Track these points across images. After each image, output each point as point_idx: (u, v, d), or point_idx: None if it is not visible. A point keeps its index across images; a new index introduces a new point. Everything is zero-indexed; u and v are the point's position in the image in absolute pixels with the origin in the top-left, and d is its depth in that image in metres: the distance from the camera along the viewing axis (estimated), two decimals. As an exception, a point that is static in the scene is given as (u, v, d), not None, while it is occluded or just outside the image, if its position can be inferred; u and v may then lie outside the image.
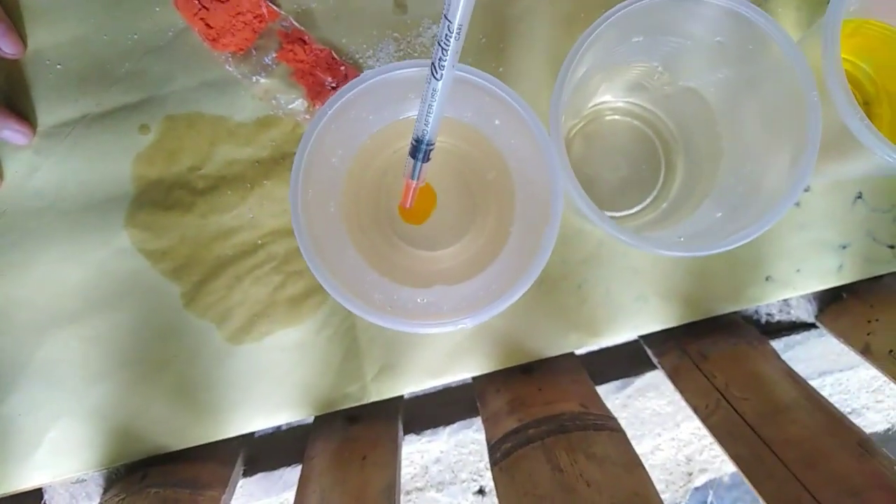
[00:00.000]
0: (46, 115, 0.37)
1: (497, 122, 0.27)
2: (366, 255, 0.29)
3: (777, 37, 0.25)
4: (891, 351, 0.34)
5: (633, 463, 0.30)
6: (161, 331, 0.37)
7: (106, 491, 0.38)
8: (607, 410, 0.34)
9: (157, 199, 0.37)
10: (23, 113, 0.36)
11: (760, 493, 0.27)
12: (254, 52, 0.37)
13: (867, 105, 0.35)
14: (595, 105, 0.35)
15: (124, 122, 0.37)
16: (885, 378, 0.35)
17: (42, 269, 0.37)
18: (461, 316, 0.25)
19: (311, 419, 0.39)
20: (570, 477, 0.29)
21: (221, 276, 0.37)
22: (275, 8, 0.36)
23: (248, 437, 0.40)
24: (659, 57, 0.30)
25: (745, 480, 0.28)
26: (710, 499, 0.45)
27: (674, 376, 0.35)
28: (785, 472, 0.27)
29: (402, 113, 0.29)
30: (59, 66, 0.37)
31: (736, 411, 0.31)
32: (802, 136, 0.25)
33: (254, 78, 0.37)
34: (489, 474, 0.43)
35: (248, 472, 0.39)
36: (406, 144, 0.26)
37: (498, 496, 0.30)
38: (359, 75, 0.34)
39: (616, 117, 0.35)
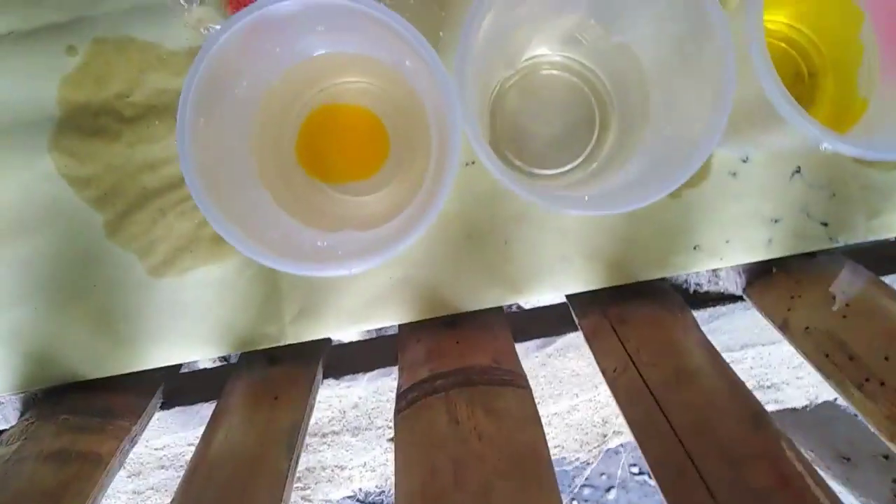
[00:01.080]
0: (-31, 29, 0.36)
1: (407, 62, 0.26)
2: (275, 193, 0.29)
3: (712, 8, 0.24)
4: (807, 328, 0.34)
5: (531, 421, 0.30)
6: (82, 259, 0.36)
7: (22, 414, 0.38)
8: (519, 367, 0.34)
9: (83, 124, 0.36)
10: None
11: (647, 456, 0.28)
12: (186, -22, 0.35)
13: (812, 76, 0.35)
14: (531, 58, 0.34)
15: (52, 43, 0.36)
16: (804, 354, 0.35)
17: (-37, 188, 0.36)
18: (368, 257, 0.24)
19: (221, 357, 0.38)
20: (464, 429, 0.29)
21: (146, 207, 0.36)
22: (210, -71, 0.35)
23: (171, 372, 0.40)
24: (589, 7, 0.29)
25: (636, 443, 0.28)
26: (622, 460, 0.46)
27: (590, 337, 0.35)
28: (673, 438, 0.27)
29: (315, 49, 0.28)
30: (-16, -22, 0.35)
31: (640, 376, 0.31)
32: (721, 102, 0.25)
33: (186, 4, 0.35)
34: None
35: (167, 406, 0.39)
36: (330, 84, 0.25)
37: (395, 444, 0.30)
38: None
39: (553, 72, 0.34)
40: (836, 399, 0.38)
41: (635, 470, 1.12)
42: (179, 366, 0.40)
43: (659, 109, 0.30)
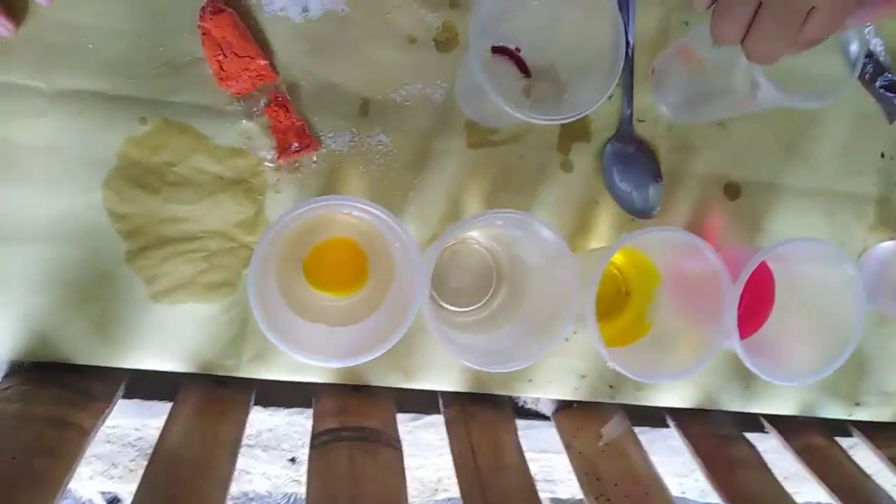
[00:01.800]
0: (67, 79, 0.46)
1: (397, 244, 0.42)
2: (282, 288, 0.43)
3: (568, 258, 0.42)
4: (580, 452, 0.53)
5: (399, 473, 0.46)
6: (100, 272, 0.47)
7: (7, 377, 0.47)
8: (397, 433, 0.49)
9: (134, 175, 0.48)
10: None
11: (466, 513, 0.44)
12: (247, 100, 0.49)
13: (627, 294, 0.54)
14: (467, 235, 0.51)
15: (128, 110, 0.47)
16: (576, 466, 0.54)
17: (21, 194, 0.46)
18: (332, 354, 0.39)
19: (185, 372, 0.50)
20: (357, 471, 0.44)
21: (161, 249, 0.48)
22: (274, 74, 0.49)
23: (131, 371, 0.51)
24: (510, 234, 0.47)
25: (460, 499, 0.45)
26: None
27: (448, 424, 0.52)
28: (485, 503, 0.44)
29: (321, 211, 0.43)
30: (90, 46, 0.46)
31: (475, 461, 0.48)
32: (566, 315, 0.42)
33: (240, 118, 0.48)
34: (303, 450, 0.58)
35: (125, 396, 0.50)
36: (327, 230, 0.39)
37: (308, 470, 0.45)
38: (317, 147, 0.47)
39: (476, 247, 0.51)
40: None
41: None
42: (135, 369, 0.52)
43: (533, 296, 0.48)
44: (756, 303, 0.52)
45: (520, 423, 0.56)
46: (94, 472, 0.55)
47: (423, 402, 0.55)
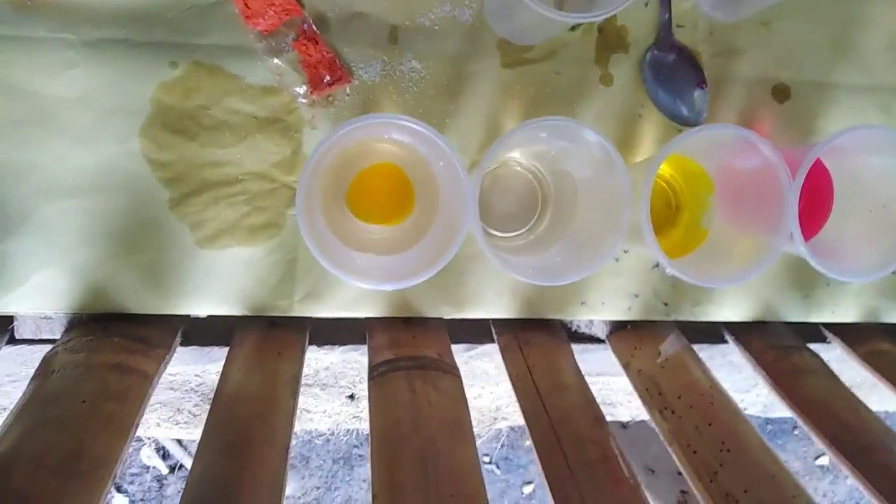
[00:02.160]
0: (94, 29, 0.46)
1: (440, 163, 0.41)
2: (328, 221, 0.42)
3: (618, 164, 0.40)
4: (639, 370, 0.52)
5: (461, 400, 0.46)
6: (146, 222, 0.48)
7: (67, 331, 0.48)
8: (454, 362, 0.49)
9: (169, 122, 0.47)
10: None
11: (531, 433, 0.44)
12: (275, 36, 0.48)
13: (677, 208, 0.52)
14: (507, 156, 0.49)
15: (158, 55, 0.47)
16: (635, 386, 0.53)
17: (60, 147, 0.46)
18: (383, 282, 0.39)
19: (238, 315, 0.51)
20: (419, 397, 0.44)
21: (203, 194, 0.48)
22: (300, 8, 0.47)
23: (186, 318, 0.51)
24: (554, 147, 0.45)
25: (525, 424, 0.45)
26: (500, 441, 0.62)
27: (503, 350, 0.51)
28: (548, 424, 0.44)
29: (367, 135, 0.42)
30: (116, -4, 0.46)
31: (534, 383, 0.48)
32: (618, 227, 0.41)
33: (270, 55, 0.48)
34: (361, 386, 0.58)
35: (183, 344, 0.51)
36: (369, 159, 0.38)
37: (369, 400, 0.45)
38: (350, 79, 0.46)
39: (518, 169, 0.50)
40: (649, 420, 0.56)
41: (487, 459, 1.32)
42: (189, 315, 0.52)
43: (582, 212, 0.47)
44: (815, 203, 0.50)
45: (575, 347, 0.55)
46: (161, 419, 0.57)
47: (475, 333, 0.55)
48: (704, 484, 0.42)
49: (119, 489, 1.20)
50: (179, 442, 1.12)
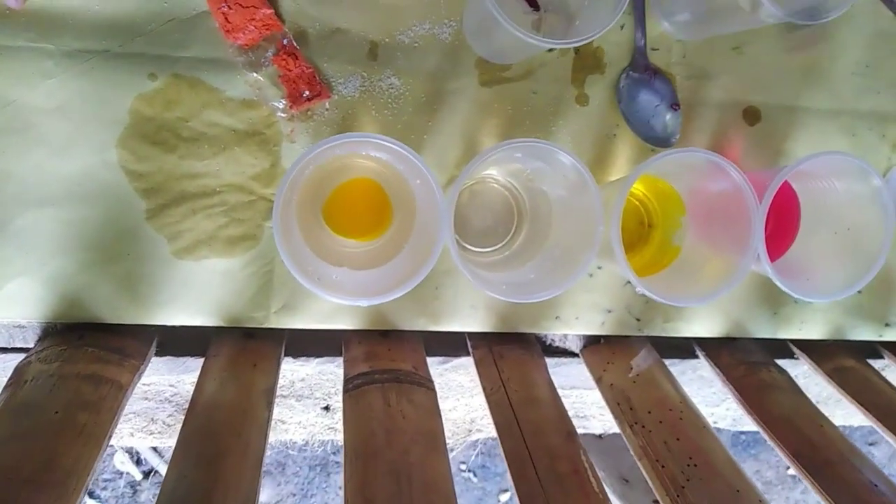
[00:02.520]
0: (73, 40, 0.46)
1: (417, 180, 0.41)
2: (305, 234, 0.43)
3: (591, 185, 0.41)
4: (611, 384, 0.53)
5: (435, 413, 0.46)
6: (123, 232, 0.48)
7: (41, 339, 0.48)
8: (429, 375, 0.50)
9: (148, 133, 0.47)
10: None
11: (503, 446, 0.45)
12: (256, 51, 0.48)
13: (650, 226, 0.53)
14: (484, 174, 0.50)
15: (138, 66, 0.47)
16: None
17: (37, 156, 0.46)
18: (358, 296, 0.39)
19: (214, 326, 0.51)
20: (393, 411, 0.44)
21: (181, 205, 0.48)
22: (280, 23, 0.48)
23: (161, 327, 0.51)
24: (529, 166, 0.46)
25: (497, 437, 0.45)
26: (477, 449, 0.63)
27: (478, 363, 0.52)
28: (520, 437, 0.45)
29: (344, 151, 0.42)
30: (97, 7, 0.46)
31: (507, 396, 0.48)
32: (591, 245, 0.42)
33: (250, 70, 0.48)
34: (336, 397, 0.58)
35: (158, 354, 0.51)
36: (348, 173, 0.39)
37: (343, 413, 0.45)
38: (329, 95, 0.47)
39: (495, 186, 0.51)
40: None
41: (464, 467, 1.33)
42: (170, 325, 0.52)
43: (556, 230, 0.48)
44: (782, 225, 0.52)
45: (549, 360, 0.56)
46: (134, 429, 0.57)
47: (450, 346, 0.56)
48: (672, 498, 0.43)
49: (91, 495, 1.19)
50: (154, 448, 1.11)
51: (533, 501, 0.41)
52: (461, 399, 0.59)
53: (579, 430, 0.52)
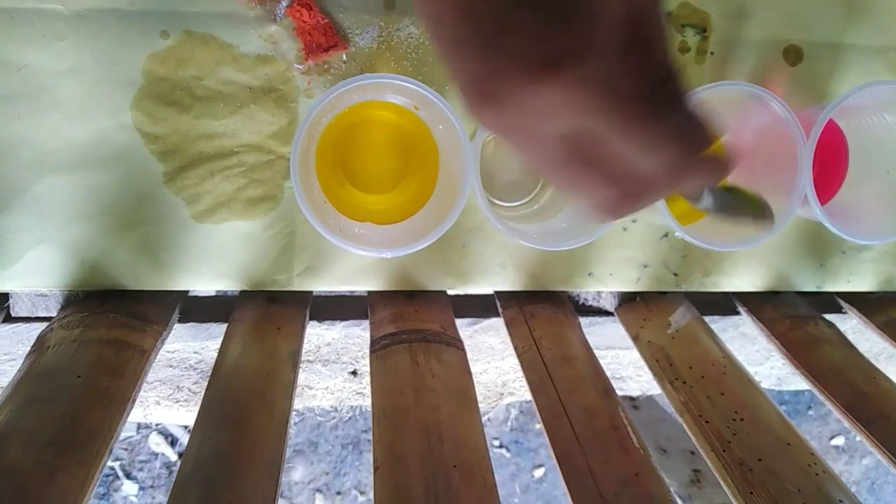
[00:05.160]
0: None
1: (440, 126, 0.39)
2: (325, 190, 0.41)
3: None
4: (649, 341, 0.50)
5: (465, 372, 0.45)
6: (141, 196, 0.47)
7: (63, 308, 0.47)
8: (458, 335, 0.48)
9: (162, 93, 0.46)
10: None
11: (537, 406, 0.43)
12: (269, 3, 0.46)
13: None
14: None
15: (149, 25, 0.45)
16: (644, 359, 0.52)
17: (53, 121, 0.45)
18: (383, 248, 0.37)
19: (236, 292, 0.50)
20: (422, 369, 0.43)
21: (199, 167, 0.47)
22: (293, -28, 0.46)
23: (184, 294, 0.50)
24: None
25: (532, 398, 0.43)
26: (510, 424, 0.61)
27: (508, 324, 0.50)
28: (555, 395, 0.43)
29: (363, 97, 0.40)
30: (103, -38, 0.44)
31: (540, 355, 0.46)
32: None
33: (264, 23, 0.46)
34: (363, 361, 0.57)
35: (181, 320, 0.50)
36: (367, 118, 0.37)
37: (371, 374, 0.44)
38: (346, 46, 0.45)
39: (521, 136, 0.49)
40: (660, 394, 0.55)
41: (496, 443, 1.31)
42: (188, 291, 0.51)
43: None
44: (829, 166, 0.49)
45: (582, 320, 0.54)
46: (160, 397, 0.56)
47: (480, 307, 0.54)
48: (717, 454, 0.40)
49: (129, 476, 1.20)
50: (187, 428, 1.12)
51: (571, 460, 0.39)
52: (492, 362, 0.57)
53: (616, 392, 0.50)
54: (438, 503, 0.33)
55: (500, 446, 1.32)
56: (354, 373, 0.57)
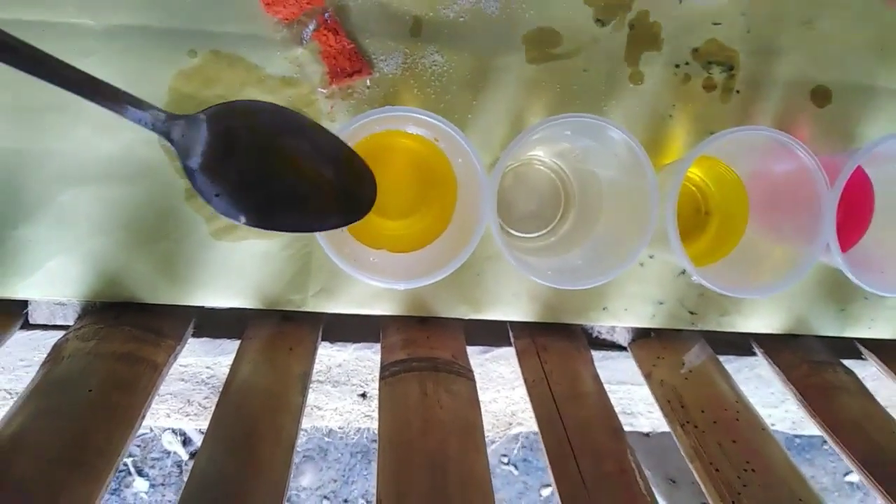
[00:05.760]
0: (114, 15, 0.45)
1: (459, 159, 0.39)
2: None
3: (644, 163, 0.38)
4: (661, 380, 0.50)
5: (474, 403, 0.44)
6: (162, 212, 0.47)
7: (81, 318, 0.48)
8: (468, 364, 0.48)
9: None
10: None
11: (544, 441, 0.42)
12: (296, 26, 0.47)
13: (707, 213, 0.50)
14: (530, 155, 0.48)
15: (177, 43, 0.46)
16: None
17: (80, 135, 0.46)
18: (398, 279, 0.37)
19: (251, 308, 0.50)
20: (431, 400, 0.43)
21: (220, 185, 0.47)
22: (322, -3, 0.46)
23: (199, 308, 0.51)
24: (578, 145, 0.43)
25: (539, 432, 0.43)
26: (519, 443, 0.61)
27: (520, 355, 0.50)
28: (563, 433, 0.42)
29: (384, 127, 0.40)
30: (136, -19, 0.45)
31: (550, 389, 0.46)
32: (644, 230, 0.39)
33: (290, 46, 0.47)
34: (373, 384, 0.57)
35: (195, 335, 0.50)
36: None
37: (379, 401, 0.44)
38: (370, 72, 0.45)
39: (541, 168, 0.48)
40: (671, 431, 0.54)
41: (505, 460, 1.30)
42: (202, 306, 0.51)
43: (607, 215, 0.45)
44: (854, 213, 0.48)
45: (595, 354, 0.53)
46: (171, 410, 0.57)
47: (492, 336, 0.54)
48: (726, 504, 0.40)
49: (140, 472, 1.21)
50: (200, 430, 1.13)
51: (575, 501, 0.39)
52: (501, 391, 0.57)
53: (626, 428, 0.50)
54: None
55: (508, 463, 1.31)
56: (364, 395, 0.57)
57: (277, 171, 0.34)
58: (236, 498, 0.34)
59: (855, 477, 1.44)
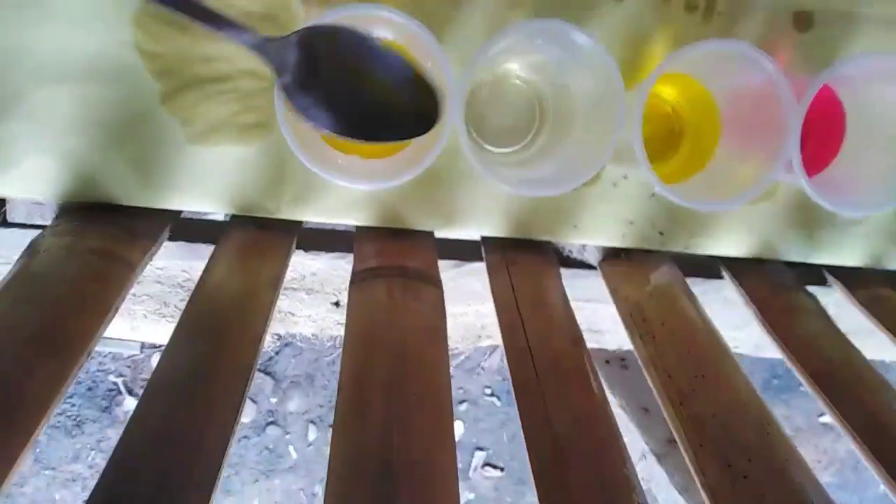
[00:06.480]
0: None
1: (429, 63, 0.39)
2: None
3: (612, 72, 0.38)
4: (626, 296, 0.51)
5: (439, 308, 0.46)
6: (138, 113, 0.47)
7: (57, 217, 0.49)
8: (438, 275, 0.49)
9: (162, 14, 0.46)
10: None
11: (504, 344, 0.44)
12: (272, -74, 0.46)
13: (679, 133, 0.51)
14: (505, 68, 0.48)
15: (152, -59, 0.45)
16: (623, 315, 0.53)
17: (54, 31, 0.46)
18: (365, 181, 0.38)
19: (225, 217, 0.51)
20: (397, 303, 0.44)
21: (195, 89, 0.48)
22: None
23: (175, 214, 0.52)
24: (552, 58, 0.43)
25: (501, 339, 0.45)
26: (485, 355, 0.63)
27: (490, 269, 0.51)
28: (522, 335, 0.44)
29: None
30: None
31: (515, 298, 0.47)
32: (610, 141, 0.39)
33: (266, -54, 0.46)
34: (346, 293, 0.59)
35: (172, 239, 0.51)
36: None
37: (348, 302, 0.45)
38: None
39: (516, 82, 0.48)
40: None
41: (488, 391, 1.34)
42: (180, 212, 0.52)
43: (577, 129, 0.45)
44: (825, 139, 0.48)
45: (565, 272, 0.54)
46: (147, 311, 0.58)
47: (465, 251, 0.55)
48: (675, 408, 0.41)
49: (130, 392, 1.25)
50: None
51: (528, 394, 0.40)
52: (472, 304, 0.59)
53: (593, 345, 0.51)
54: (395, 422, 0.35)
55: (492, 395, 1.35)
56: (337, 304, 0.58)
57: (358, 86, 0.38)
58: (204, 376, 0.36)
59: (828, 418, 1.48)
